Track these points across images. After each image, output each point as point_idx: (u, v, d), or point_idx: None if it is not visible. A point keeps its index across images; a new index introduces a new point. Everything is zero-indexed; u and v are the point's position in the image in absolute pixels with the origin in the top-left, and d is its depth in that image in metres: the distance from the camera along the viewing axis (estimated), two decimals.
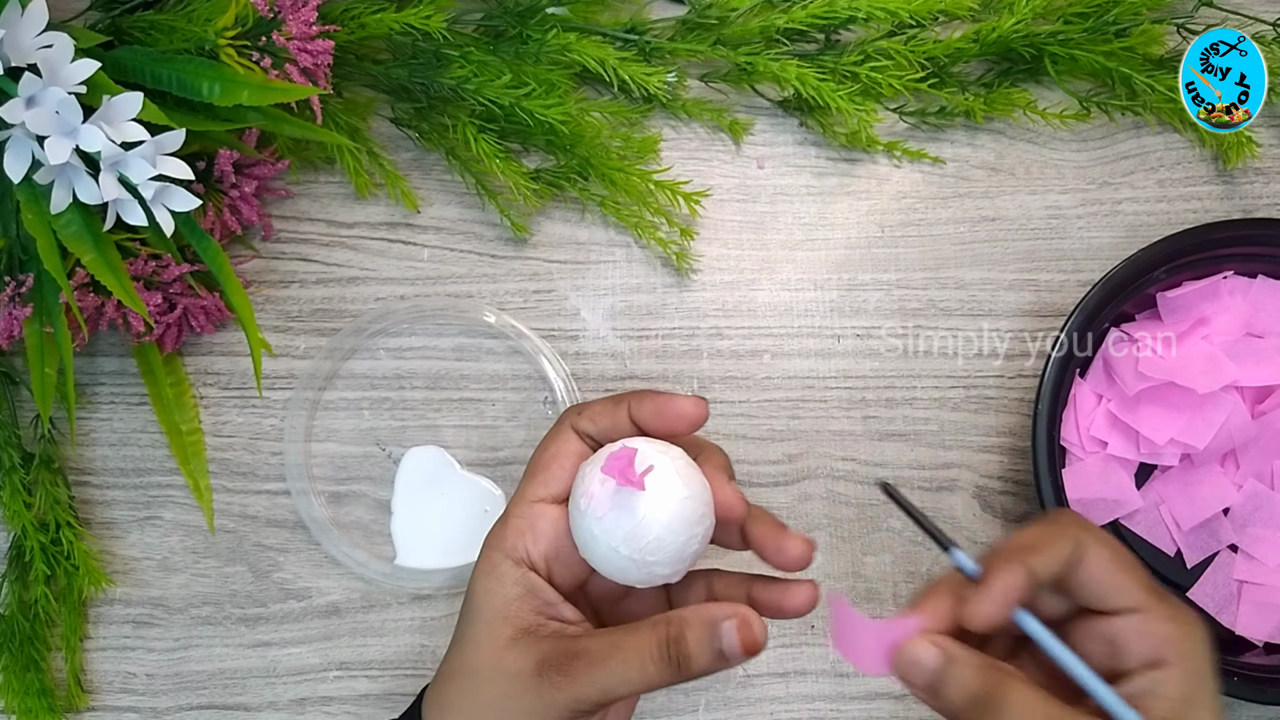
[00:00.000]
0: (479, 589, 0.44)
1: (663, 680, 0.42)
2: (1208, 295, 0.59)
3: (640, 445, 0.43)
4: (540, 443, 0.47)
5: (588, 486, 0.42)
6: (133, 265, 0.56)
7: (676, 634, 0.42)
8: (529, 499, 0.45)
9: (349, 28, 0.61)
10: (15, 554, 0.61)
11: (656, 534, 0.41)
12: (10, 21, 0.48)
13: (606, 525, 0.41)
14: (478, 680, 0.44)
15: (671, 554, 0.42)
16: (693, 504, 0.42)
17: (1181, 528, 0.60)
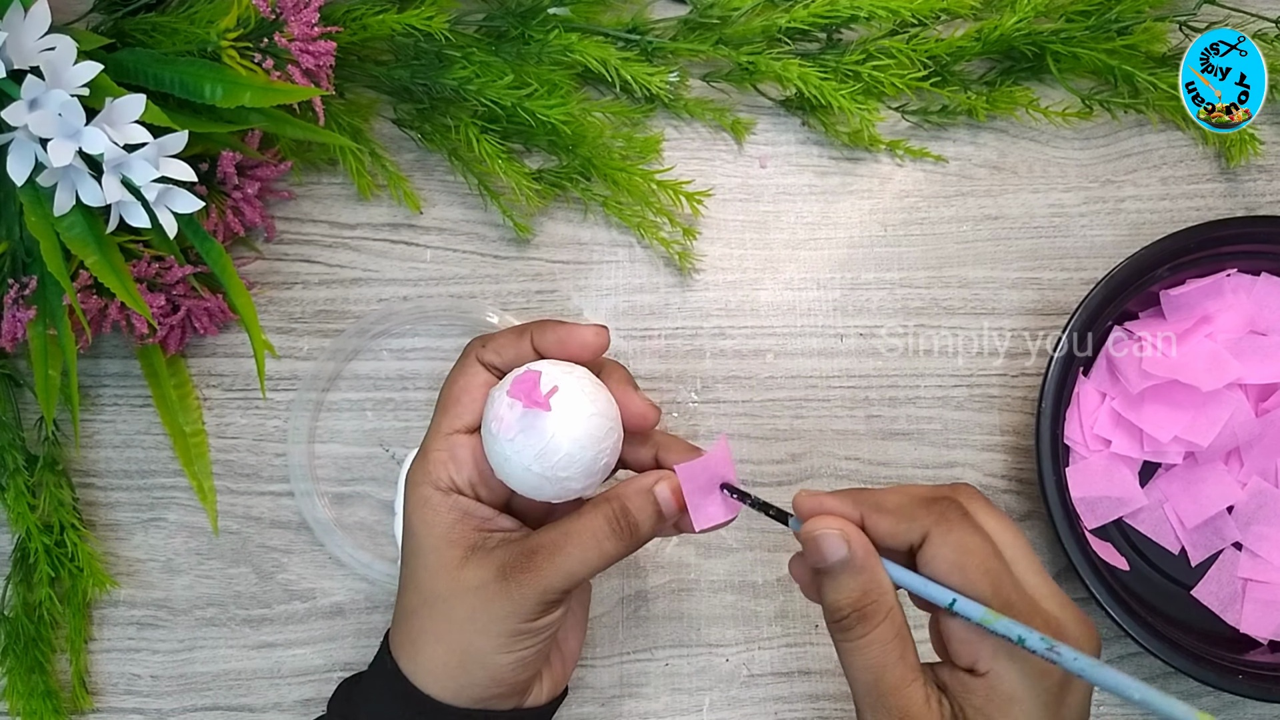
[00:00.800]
0: (417, 523, 0.46)
1: (618, 551, 0.46)
2: (1211, 293, 0.59)
3: (545, 367, 0.45)
4: (448, 376, 0.49)
5: (497, 410, 0.44)
6: (136, 267, 0.57)
7: (620, 508, 0.46)
8: (444, 431, 0.47)
9: (351, 29, 0.61)
10: (20, 556, 0.61)
11: (566, 450, 0.44)
12: (13, 24, 0.48)
13: (517, 446, 0.44)
14: (443, 605, 0.46)
15: (582, 469, 0.45)
16: (599, 420, 0.45)
17: (1186, 526, 0.60)
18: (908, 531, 0.42)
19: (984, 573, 0.41)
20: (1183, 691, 0.61)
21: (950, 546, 0.41)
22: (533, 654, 0.46)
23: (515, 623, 0.45)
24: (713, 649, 0.61)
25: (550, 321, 0.48)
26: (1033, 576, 0.42)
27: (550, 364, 0.46)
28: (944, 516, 0.42)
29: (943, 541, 0.42)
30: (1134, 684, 0.38)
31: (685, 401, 0.63)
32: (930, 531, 0.42)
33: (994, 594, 0.40)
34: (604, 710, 0.61)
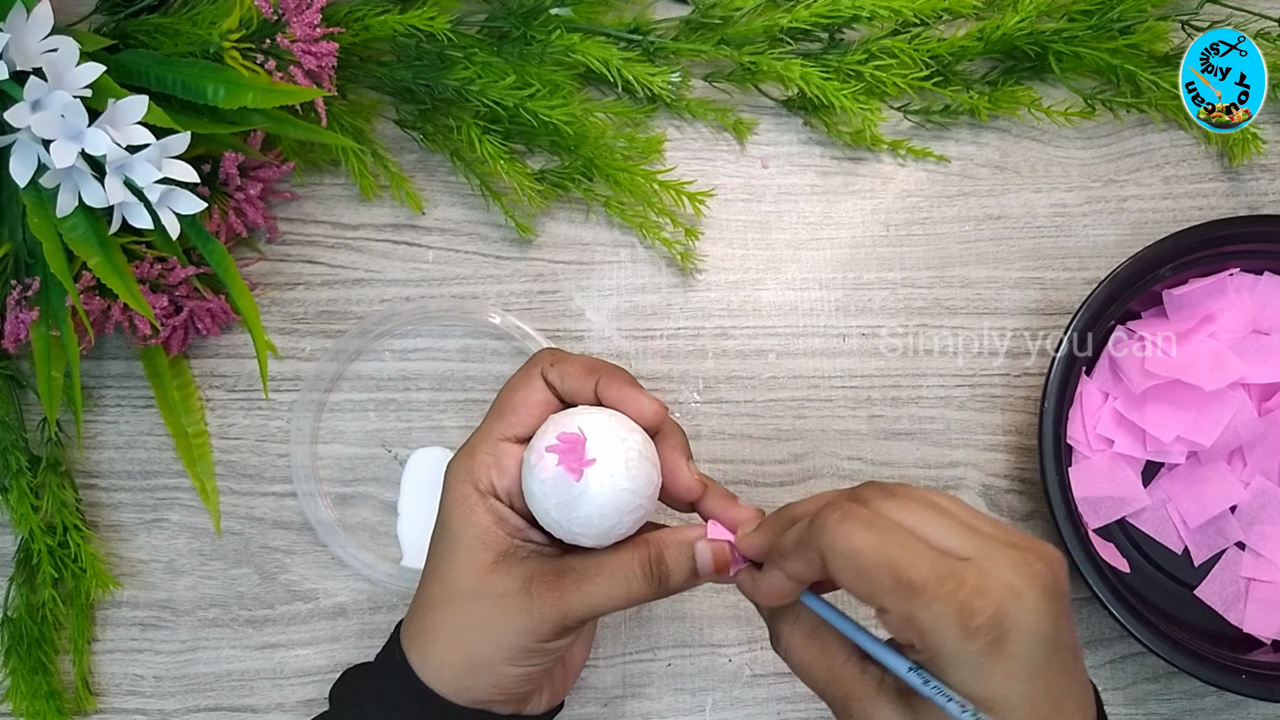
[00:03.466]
0: (454, 519, 0.46)
1: (644, 596, 0.46)
2: (1214, 292, 0.59)
3: (601, 424, 0.45)
4: (509, 381, 0.48)
5: (543, 443, 0.44)
6: (138, 268, 0.57)
7: (657, 554, 0.46)
8: (495, 436, 0.46)
9: (353, 30, 0.61)
10: (23, 557, 0.61)
11: (586, 513, 0.44)
12: (15, 25, 0.48)
13: (545, 489, 0.44)
14: (464, 603, 0.45)
15: (597, 532, 0.45)
16: (629, 496, 0.44)
17: (1189, 525, 0.60)
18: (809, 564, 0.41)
19: (879, 566, 0.38)
20: (1186, 691, 0.61)
21: (841, 558, 0.39)
22: (539, 670, 0.46)
23: (529, 640, 0.45)
24: (715, 649, 0.61)
25: (620, 376, 0.47)
26: (952, 539, 0.39)
27: (611, 419, 0.45)
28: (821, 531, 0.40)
29: (833, 558, 0.39)
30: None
31: (688, 402, 0.63)
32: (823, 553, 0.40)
33: (894, 584, 0.38)
34: (607, 710, 0.61)
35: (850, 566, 0.39)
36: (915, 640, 0.38)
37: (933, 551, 0.38)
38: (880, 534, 0.39)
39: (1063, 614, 0.38)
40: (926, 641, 0.37)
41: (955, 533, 0.39)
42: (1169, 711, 0.61)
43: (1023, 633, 0.37)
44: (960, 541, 0.39)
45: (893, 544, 0.39)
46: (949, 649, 0.37)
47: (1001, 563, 0.38)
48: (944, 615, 0.37)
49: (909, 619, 0.38)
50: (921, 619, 0.37)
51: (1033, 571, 0.38)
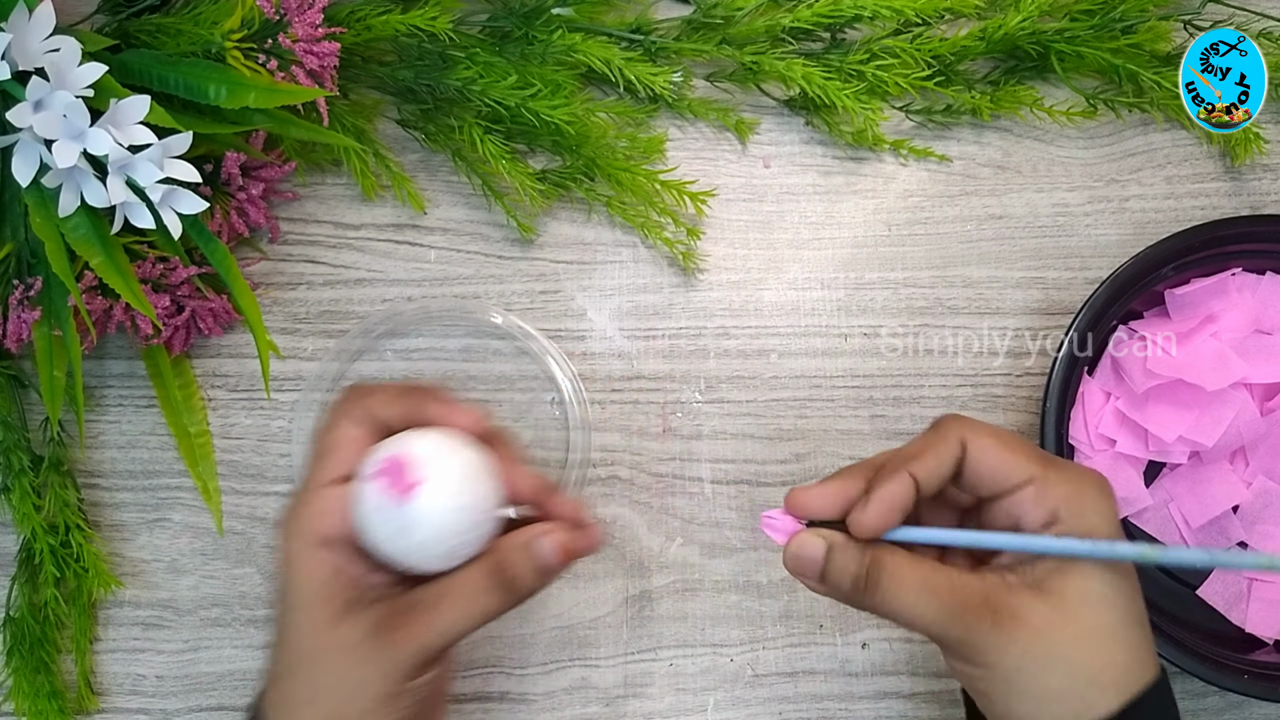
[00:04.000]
0: (291, 578, 0.44)
1: (499, 607, 0.44)
2: (1216, 292, 0.59)
3: (427, 442, 0.43)
4: (323, 424, 0.46)
5: (368, 473, 0.43)
6: (140, 268, 0.57)
7: (499, 562, 0.44)
8: (319, 483, 0.45)
9: (355, 29, 0.61)
10: (25, 556, 0.61)
11: (422, 537, 0.42)
12: (17, 25, 0.48)
13: (377, 518, 0.42)
14: (315, 665, 0.43)
15: (438, 555, 0.43)
16: (466, 513, 0.43)
17: (1191, 525, 0.60)
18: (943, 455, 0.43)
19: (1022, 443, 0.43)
20: (1188, 691, 0.61)
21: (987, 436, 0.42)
22: (412, 711, 0.44)
23: (391, 685, 0.43)
24: (717, 649, 0.61)
25: (436, 393, 0.46)
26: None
27: (439, 436, 0.44)
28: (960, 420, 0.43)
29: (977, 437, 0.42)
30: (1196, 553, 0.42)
31: (689, 401, 0.63)
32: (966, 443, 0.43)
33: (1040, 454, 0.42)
34: (608, 710, 0.61)
35: (999, 443, 0.42)
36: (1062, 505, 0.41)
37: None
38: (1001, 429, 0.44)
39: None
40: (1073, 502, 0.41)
41: None
42: None
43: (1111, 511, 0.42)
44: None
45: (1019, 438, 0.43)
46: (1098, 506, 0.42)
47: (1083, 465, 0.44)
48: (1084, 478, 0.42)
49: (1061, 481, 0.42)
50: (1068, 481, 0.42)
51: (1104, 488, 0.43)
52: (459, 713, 0.61)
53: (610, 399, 0.63)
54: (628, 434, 0.63)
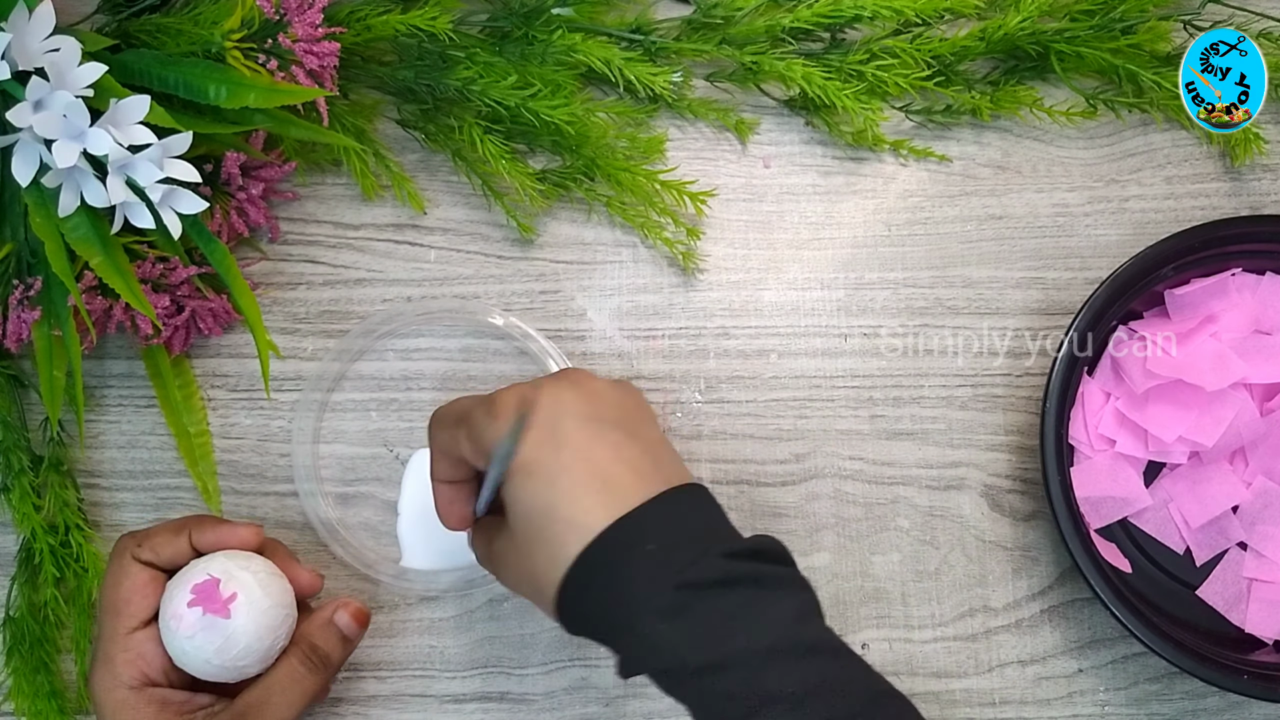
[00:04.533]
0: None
1: (319, 685, 0.51)
2: (1216, 292, 0.59)
3: (220, 562, 0.50)
4: (106, 580, 0.51)
5: (176, 609, 0.48)
6: (140, 268, 0.57)
7: (309, 646, 0.51)
8: (121, 633, 0.49)
9: (355, 29, 0.61)
10: (25, 556, 0.61)
11: (245, 644, 0.48)
12: (17, 25, 0.48)
13: (197, 643, 0.48)
14: None
15: (259, 656, 0.50)
16: (275, 610, 0.50)
17: (1190, 525, 0.60)
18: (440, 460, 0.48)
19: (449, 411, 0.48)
20: (1188, 691, 0.61)
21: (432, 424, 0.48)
22: None
23: None
24: None
25: (206, 520, 0.52)
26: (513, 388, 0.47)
27: (226, 557, 0.50)
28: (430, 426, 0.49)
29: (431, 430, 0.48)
30: None
31: (689, 402, 0.63)
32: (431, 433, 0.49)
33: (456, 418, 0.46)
34: (608, 710, 0.61)
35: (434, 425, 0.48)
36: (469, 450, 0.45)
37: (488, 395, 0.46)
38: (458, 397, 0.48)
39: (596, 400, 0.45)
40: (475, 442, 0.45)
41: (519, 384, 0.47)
42: (1171, 712, 0.61)
43: (544, 409, 0.44)
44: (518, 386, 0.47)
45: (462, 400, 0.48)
46: (487, 436, 0.44)
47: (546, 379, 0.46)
48: (478, 415, 0.45)
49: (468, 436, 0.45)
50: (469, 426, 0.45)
51: (555, 375, 0.47)
52: (459, 713, 0.61)
53: None
54: None
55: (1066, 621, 0.61)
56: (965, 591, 0.62)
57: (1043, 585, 0.62)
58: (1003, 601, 0.62)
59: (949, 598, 0.62)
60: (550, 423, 0.43)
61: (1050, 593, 0.62)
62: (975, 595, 0.62)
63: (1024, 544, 0.62)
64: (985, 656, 0.61)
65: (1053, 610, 0.61)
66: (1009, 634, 0.61)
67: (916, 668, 0.61)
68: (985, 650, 0.61)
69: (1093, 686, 0.61)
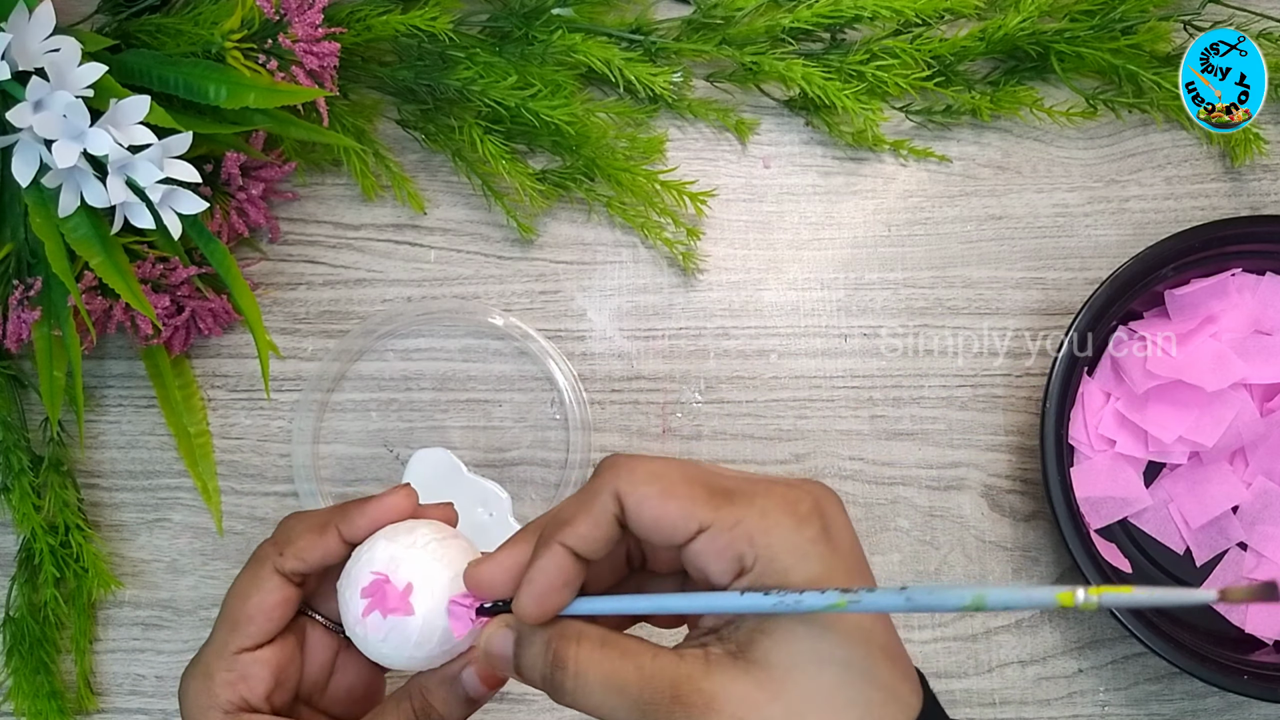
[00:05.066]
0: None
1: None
2: (1216, 293, 0.59)
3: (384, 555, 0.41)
4: (236, 586, 0.43)
5: (355, 614, 0.41)
6: (140, 268, 0.57)
7: (422, 705, 0.42)
8: (231, 650, 0.42)
9: (355, 30, 0.61)
10: (25, 556, 0.61)
11: (443, 626, 0.41)
12: (17, 25, 0.48)
13: (393, 643, 0.41)
14: None
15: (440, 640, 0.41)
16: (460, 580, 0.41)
17: (1190, 526, 0.60)
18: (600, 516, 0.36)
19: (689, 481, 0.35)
20: (1188, 691, 0.61)
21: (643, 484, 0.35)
22: None
23: None
24: None
25: (350, 508, 0.43)
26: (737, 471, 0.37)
27: (386, 539, 0.42)
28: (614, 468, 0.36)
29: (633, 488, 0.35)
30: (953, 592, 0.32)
31: (689, 402, 0.63)
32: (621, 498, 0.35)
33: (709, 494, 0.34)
34: None
35: (657, 489, 0.35)
36: (746, 550, 0.34)
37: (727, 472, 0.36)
38: (675, 461, 0.36)
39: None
40: (758, 544, 0.34)
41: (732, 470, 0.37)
42: (1171, 712, 0.61)
43: (843, 529, 0.35)
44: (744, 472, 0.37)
45: (690, 466, 0.36)
46: (786, 541, 0.34)
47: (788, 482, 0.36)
48: (771, 506, 0.34)
49: (735, 524, 0.34)
50: (748, 517, 0.34)
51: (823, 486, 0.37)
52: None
53: (610, 399, 0.63)
54: (628, 434, 0.63)
55: (1066, 622, 0.61)
56: None
57: (1043, 585, 0.62)
58: None
59: None
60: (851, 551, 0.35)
61: None
62: None
63: (1024, 544, 0.62)
64: (985, 657, 0.61)
65: (1052, 610, 0.62)
66: (1009, 634, 0.61)
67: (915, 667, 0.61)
68: (985, 650, 0.61)
69: (1093, 687, 0.61)
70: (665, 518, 0.35)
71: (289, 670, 0.43)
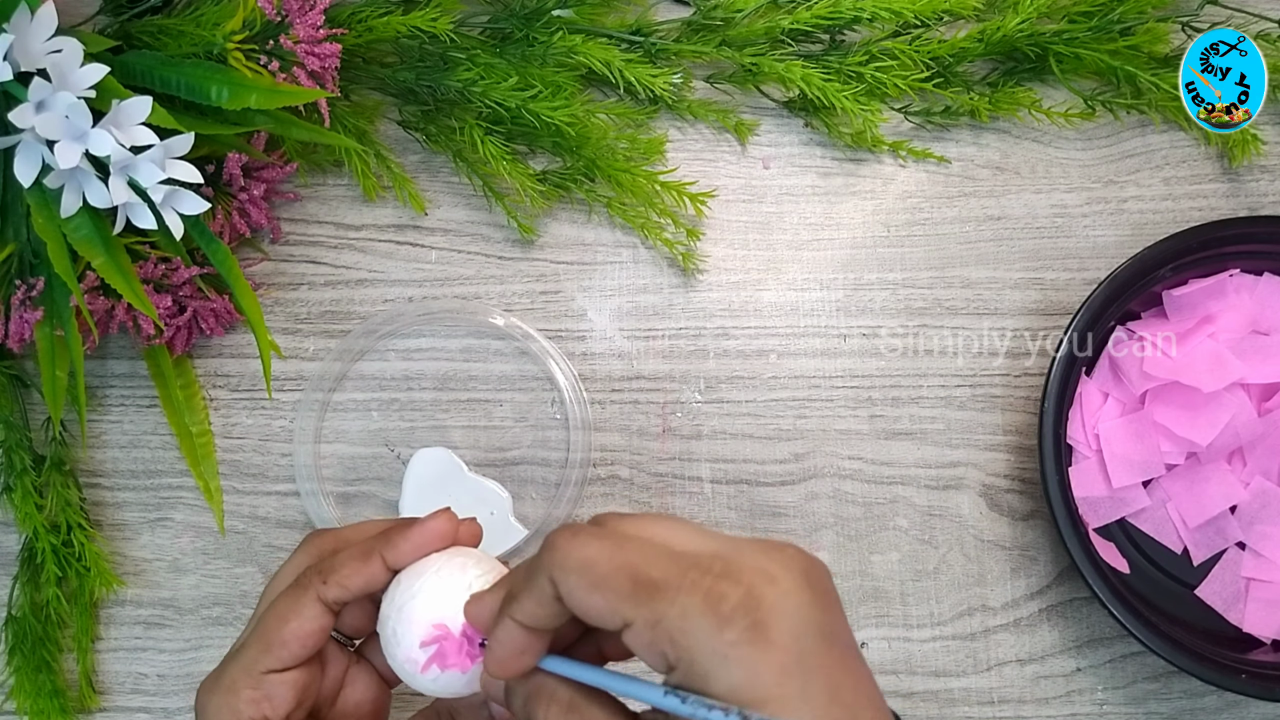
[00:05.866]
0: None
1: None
2: (1214, 293, 0.59)
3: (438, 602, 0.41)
4: (276, 608, 0.43)
5: (407, 654, 0.41)
6: (142, 268, 0.57)
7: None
8: (260, 669, 0.42)
9: (356, 31, 0.61)
10: (27, 556, 0.61)
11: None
12: (19, 27, 0.48)
13: (443, 683, 0.41)
14: None
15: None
16: None
17: (1188, 525, 0.60)
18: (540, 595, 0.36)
19: (615, 572, 0.34)
20: (1186, 690, 0.61)
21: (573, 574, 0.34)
22: None
23: None
24: None
25: (394, 534, 0.42)
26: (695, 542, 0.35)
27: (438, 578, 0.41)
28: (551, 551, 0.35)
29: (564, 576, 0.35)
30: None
31: (689, 401, 0.63)
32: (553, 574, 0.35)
33: (633, 586, 0.33)
34: None
35: (585, 581, 0.34)
36: (668, 649, 0.33)
37: (673, 551, 0.34)
38: (614, 541, 0.35)
39: (830, 605, 0.34)
40: (678, 645, 0.32)
41: (698, 536, 0.35)
42: (1169, 710, 0.61)
43: (785, 618, 0.33)
44: (703, 541, 0.35)
45: (628, 548, 0.34)
46: (704, 645, 0.32)
47: (749, 551, 0.34)
48: (691, 606, 0.32)
49: (655, 623, 0.33)
50: (668, 616, 0.32)
51: (785, 557, 0.34)
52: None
53: (610, 399, 0.63)
54: (628, 434, 0.63)
55: (1065, 620, 0.62)
56: (964, 591, 0.62)
57: (1041, 584, 0.62)
58: (1001, 601, 0.62)
59: (947, 597, 0.62)
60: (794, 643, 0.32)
61: (1048, 592, 0.62)
62: (974, 594, 0.62)
63: (1022, 543, 0.62)
64: (983, 655, 0.61)
65: (1051, 609, 0.62)
66: (1007, 633, 0.61)
67: (915, 667, 0.61)
68: (984, 649, 0.61)
69: (1091, 685, 0.61)
70: (592, 610, 0.34)
71: (310, 690, 0.43)
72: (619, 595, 0.33)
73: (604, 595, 0.34)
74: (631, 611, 0.33)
